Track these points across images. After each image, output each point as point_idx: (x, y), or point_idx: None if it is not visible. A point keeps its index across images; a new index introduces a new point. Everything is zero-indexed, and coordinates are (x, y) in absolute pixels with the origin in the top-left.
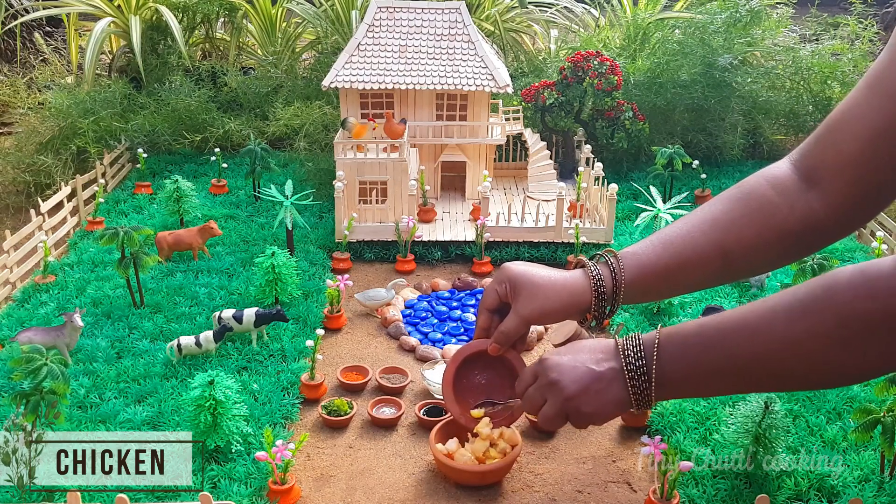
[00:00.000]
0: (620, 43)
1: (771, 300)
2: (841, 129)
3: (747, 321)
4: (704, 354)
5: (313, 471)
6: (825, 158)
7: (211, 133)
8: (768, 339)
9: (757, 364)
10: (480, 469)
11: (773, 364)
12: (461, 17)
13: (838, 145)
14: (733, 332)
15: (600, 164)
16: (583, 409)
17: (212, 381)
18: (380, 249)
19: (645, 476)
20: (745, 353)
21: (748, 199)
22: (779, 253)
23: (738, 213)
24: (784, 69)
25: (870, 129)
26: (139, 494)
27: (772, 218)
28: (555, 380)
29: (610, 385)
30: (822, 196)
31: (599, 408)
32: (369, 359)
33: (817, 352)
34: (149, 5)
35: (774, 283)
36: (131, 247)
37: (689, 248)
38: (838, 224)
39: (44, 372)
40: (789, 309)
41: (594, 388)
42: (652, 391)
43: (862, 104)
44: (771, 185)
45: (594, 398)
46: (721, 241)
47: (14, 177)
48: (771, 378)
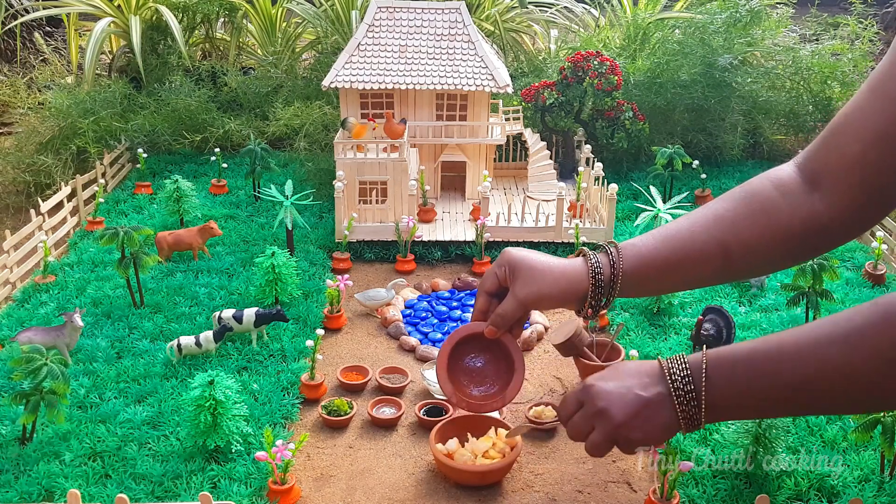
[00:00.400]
0: (620, 43)
1: (824, 326)
2: (844, 133)
3: (800, 348)
4: (755, 381)
5: (313, 471)
6: (829, 161)
7: (211, 133)
8: (823, 366)
9: (810, 391)
10: (480, 469)
11: (827, 391)
12: (461, 17)
13: (842, 148)
14: (786, 358)
15: (600, 164)
16: (632, 436)
17: (212, 381)
18: (380, 249)
19: (645, 476)
20: (797, 381)
21: (752, 199)
22: (781, 254)
23: (741, 213)
24: (784, 69)
25: (872, 132)
26: (139, 494)
27: (775, 219)
28: (603, 408)
29: (659, 410)
30: (825, 199)
31: (649, 433)
32: (369, 359)
33: (874, 380)
34: (149, 5)
35: (774, 284)
36: (131, 247)
37: (689, 244)
38: (842, 227)
39: (44, 372)
40: (846, 337)
41: (644, 414)
42: (702, 415)
43: (865, 108)
44: (775, 187)
45: (644, 424)
46: (722, 238)
47: (14, 177)
48: (823, 404)
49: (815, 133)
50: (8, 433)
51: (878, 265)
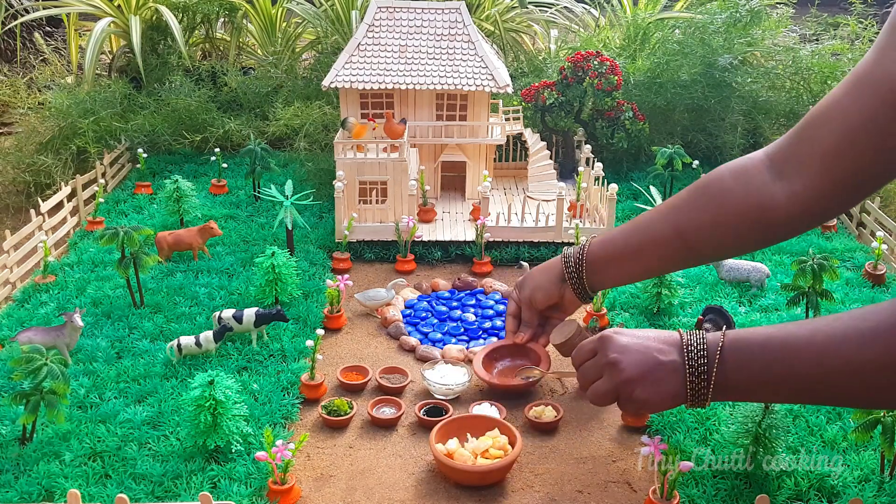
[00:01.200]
0: (620, 43)
1: (840, 321)
2: (819, 125)
3: (815, 341)
4: (768, 367)
5: (313, 471)
6: (799, 152)
7: (211, 133)
8: (835, 361)
9: (820, 384)
10: (480, 469)
11: (837, 386)
12: (461, 17)
13: (815, 140)
14: (800, 349)
15: (600, 164)
16: (637, 394)
17: (212, 381)
18: (380, 249)
19: (645, 476)
20: (809, 373)
21: (707, 187)
22: (736, 237)
23: (694, 199)
24: (784, 69)
25: (848, 125)
26: (139, 494)
27: (726, 203)
28: (616, 360)
29: (670, 377)
30: (788, 187)
31: (654, 396)
32: (369, 359)
33: (883, 379)
34: (149, 5)
35: (774, 284)
36: (131, 247)
37: (649, 231)
38: (805, 214)
39: (44, 372)
40: (860, 335)
41: (654, 376)
42: (709, 392)
43: (843, 101)
44: (730, 173)
45: (651, 387)
46: (677, 224)
47: (14, 177)
48: (831, 397)
49: None
50: (8, 433)
51: (878, 265)
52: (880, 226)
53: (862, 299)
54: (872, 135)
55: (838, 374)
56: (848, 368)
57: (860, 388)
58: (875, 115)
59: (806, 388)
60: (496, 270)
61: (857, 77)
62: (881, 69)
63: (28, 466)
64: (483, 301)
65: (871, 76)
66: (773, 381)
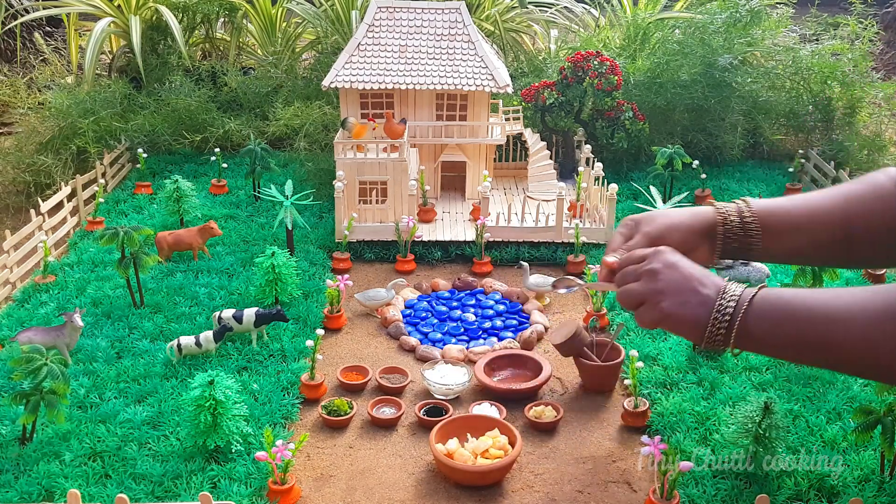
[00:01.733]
0: (620, 43)
1: (861, 294)
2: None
3: (830, 308)
4: (785, 324)
5: (313, 471)
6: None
7: (211, 133)
8: (846, 330)
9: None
10: (480, 469)
11: (845, 353)
12: (461, 17)
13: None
14: (817, 313)
15: (600, 164)
16: (662, 305)
17: (212, 381)
18: (380, 249)
19: (645, 476)
20: (821, 336)
21: (874, 184)
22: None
23: (863, 192)
24: (784, 69)
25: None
26: (139, 494)
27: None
28: (658, 270)
29: (698, 306)
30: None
31: (675, 313)
32: (369, 359)
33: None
34: (149, 5)
35: (774, 284)
36: (131, 247)
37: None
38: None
39: (44, 372)
40: (873, 308)
41: (683, 297)
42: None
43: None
44: (886, 175)
45: (678, 304)
46: (846, 209)
47: (14, 177)
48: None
49: (815, 133)
50: (8, 433)
51: None
52: None
53: None
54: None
55: (848, 342)
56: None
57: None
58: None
59: (816, 350)
60: (496, 270)
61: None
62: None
63: (28, 466)
64: (483, 301)
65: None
66: (788, 340)
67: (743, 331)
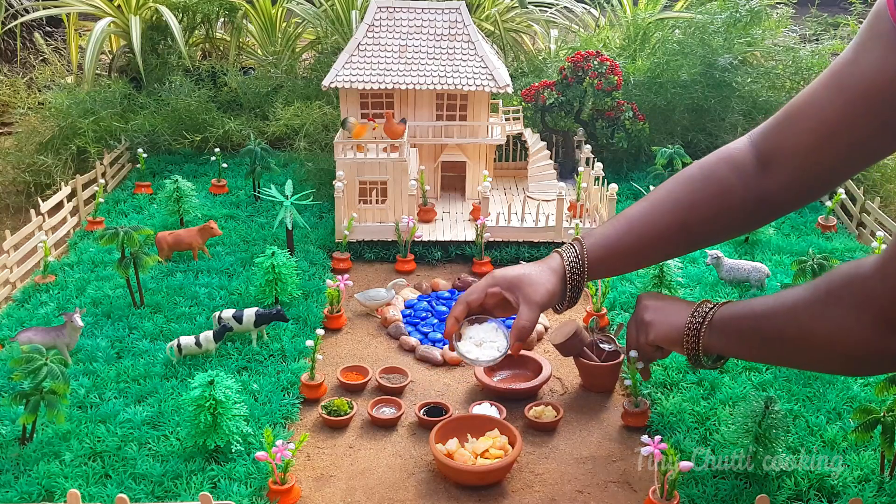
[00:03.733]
0: (620, 43)
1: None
2: (799, 120)
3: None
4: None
5: (313, 471)
6: (782, 145)
7: (211, 133)
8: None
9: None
10: (480, 469)
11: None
12: (461, 17)
13: (796, 135)
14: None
15: (600, 164)
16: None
17: (212, 381)
18: (380, 249)
19: (645, 476)
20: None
21: (708, 181)
22: (734, 226)
23: (699, 194)
24: (784, 69)
25: (826, 123)
26: (139, 494)
27: (729, 199)
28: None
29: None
30: (776, 177)
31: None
32: (369, 359)
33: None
34: (149, 5)
35: (774, 284)
36: (131, 247)
37: (652, 228)
38: (789, 202)
39: (44, 372)
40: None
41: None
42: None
43: (821, 99)
44: (729, 168)
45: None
46: (683, 219)
47: (14, 177)
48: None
49: None
50: (8, 433)
51: None
52: (880, 226)
53: None
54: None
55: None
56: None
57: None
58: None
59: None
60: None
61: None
62: (858, 68)
63: (28, 466)
64: None
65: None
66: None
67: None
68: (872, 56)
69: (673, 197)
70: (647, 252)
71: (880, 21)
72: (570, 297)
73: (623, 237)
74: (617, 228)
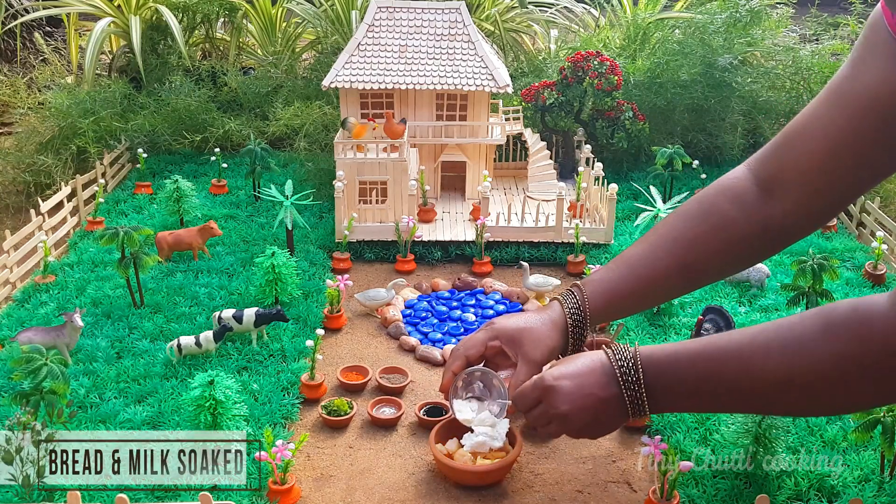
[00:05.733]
0: (620, 43)
1: (766, 332)
2: (800, 141)
3: (742, 353)
4: (698, 384)
5: (313, 471)
6: (784, 169)
7: (211, 133)
8: (762, 373)
9: (749, 394)
10: (480, 469)
11: (765, 396)
12: (461, 17)
13: (797, 157)
14: (727, 362)
15: (600, 164)
16: (587, 435)
17: (212, 381)
18: (380, 249)
19: (645, 476)
20: (738, 385)
21: (707, 217)
22: (740, 260)
23: (699, 231)
24: (784, 69)
25: (829, 142)
26: (139, 494)
27: (731, 233)
28: (565, 413)
29: (614, 410)
30: (780, 204)
31: (603, 431)
32: (369, 359)
33: (810, 389)
34: (149, 5)
35: (774, 284)
36: (131, 247)
37: (652, 270)
38: (797, 227)
39: (44, 372)
40: (784, 345)
41: (601, 417)
42: (646, 409)
43: (822, 117)
44: (728, 200)
45: (600, 426)
46: (684, 259)
47: (14, 177)
48: (762, 406)
49: None
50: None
51: (878, 265)
52: (880, 226)
53: None
54: (854, 150)
55: (766, 383)
56: (775, 380)
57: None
58: (855, 130)
59: (738, 399)
60: (496, 270)
61: (834, 91)
62: (859, 83)
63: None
64: (483, 301)
65: (848, 91)
66: (706, 396)
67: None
68: (873, 69)
69: (672, 236)
70: (648, 295)
71: (877, 32)
72: (573, 347)
73: (623, 282)
74: (616, 273)
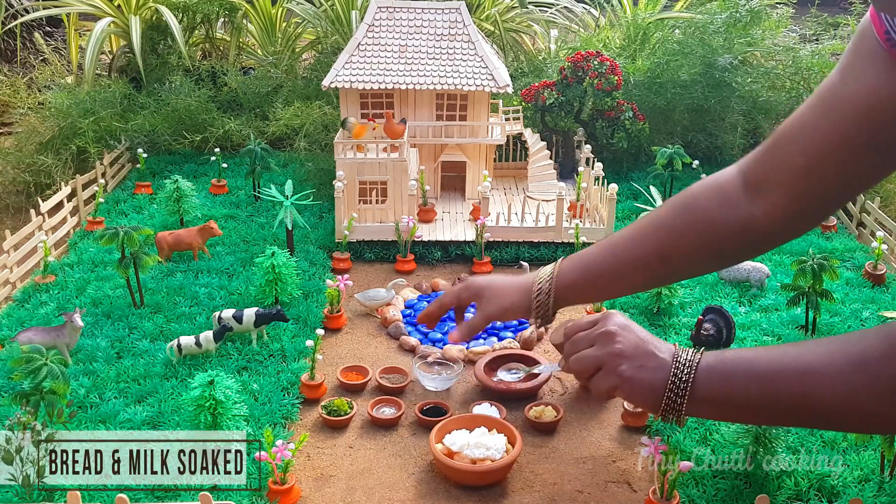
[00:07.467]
0: (620, 43)
1: (829, 344)
2: (789, 144)
3: (800, 363)
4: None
5: (313, 471)
6: (771, 171)
7: (211, 133)
8: (822, 384)
9: (804, 406)
10: (480, 469)
11: (821, 409)
12: (461, 17)
13: (786, 160)
14: (785, 371)
15: (600, 164)
16: (622, 369)
17: (212, 381)
18: (380, 249)
19: (645, 476)
20: (794, 395)
21: (690, 210)
22: (716, 256)
23: (679, 222)
24: (784, 69)
25: (813, 148)
26: (139, 494)
27: (711, 228)
28: (614, 332)
29: (655, 371)
30: (764, 206)
31: (634, 377)
32: (369, 359)
33: (869, 405)
34: (149, 5)
35: (774, 284)
36: (131, 247)
37: (630, 252)
38: (779, 232)
39: (44, 372)
40: (848, 359)
41: (643, 360)
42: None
43: (808, 123)
44: (711, 196)
45: (637, 368)
46: (661, 248)
47: (14, 177)
48: (815, 419)
49: None
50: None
51: (878, 265)
52: (880, 226)
53: (862, 299)
54: (838, 157)
55: (825, 397)
56: (834, 391)
57: (845, 410)
58: (841, 136)
59: (791, 410)
60: (496, 270)
61: (822, 97)
62: (847, 90)
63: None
64: None
65: (836, 96)
66: (753, 400)
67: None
68: (861, 77)
69: (656, 223)
70: (623, 277)
71: (866, 40)
72: (537, 312)
73: (601, 259)
74: (597, 250)
